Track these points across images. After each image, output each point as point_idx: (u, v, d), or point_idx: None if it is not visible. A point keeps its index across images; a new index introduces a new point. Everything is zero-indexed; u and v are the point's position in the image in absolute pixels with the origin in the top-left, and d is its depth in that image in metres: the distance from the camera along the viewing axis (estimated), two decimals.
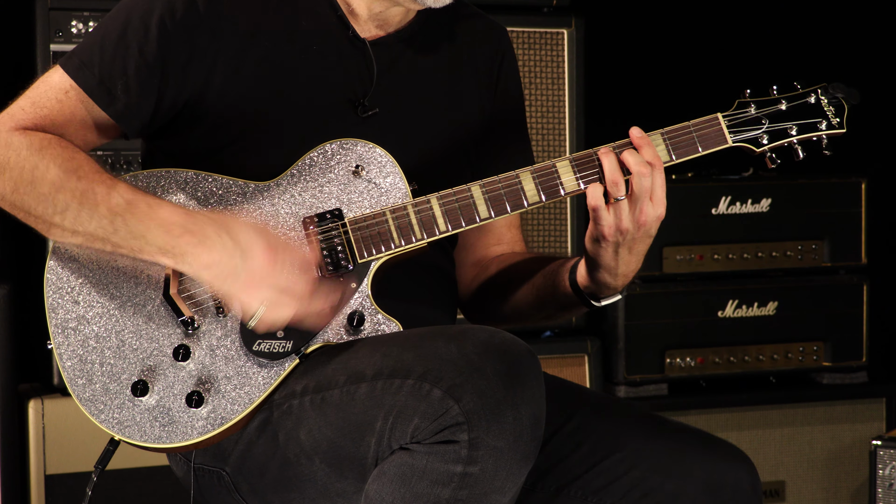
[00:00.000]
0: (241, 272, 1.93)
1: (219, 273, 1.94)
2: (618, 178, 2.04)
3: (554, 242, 3.54)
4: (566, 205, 3.54)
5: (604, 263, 2.10)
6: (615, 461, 2.08)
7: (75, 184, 1.97)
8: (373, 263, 2.05)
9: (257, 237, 1.95)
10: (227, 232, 1.94)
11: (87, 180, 1.98)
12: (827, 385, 3.84)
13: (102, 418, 2.00)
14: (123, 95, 2.06)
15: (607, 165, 2.04)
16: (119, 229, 1.96)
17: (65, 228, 1.99)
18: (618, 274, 2.12)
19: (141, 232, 1.96)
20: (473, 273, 2.33)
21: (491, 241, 2.33)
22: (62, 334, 2.02)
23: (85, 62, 2.06)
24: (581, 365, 3.62)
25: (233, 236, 1.94)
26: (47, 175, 1.98)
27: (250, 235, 1.94)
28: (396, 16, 2.19)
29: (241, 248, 1.93)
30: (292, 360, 2.02)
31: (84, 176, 1.98)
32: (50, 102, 2.06)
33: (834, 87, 2.15)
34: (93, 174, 1.99)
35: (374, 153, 2.08)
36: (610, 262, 2.09)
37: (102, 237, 1.97)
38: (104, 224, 1.96)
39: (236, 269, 1.93)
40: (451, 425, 1.82)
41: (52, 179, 1.98)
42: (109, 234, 1.97)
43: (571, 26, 3.58)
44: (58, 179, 1.98)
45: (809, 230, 3.83)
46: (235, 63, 2.09)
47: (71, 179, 1.98)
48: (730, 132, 2.12)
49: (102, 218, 1.96)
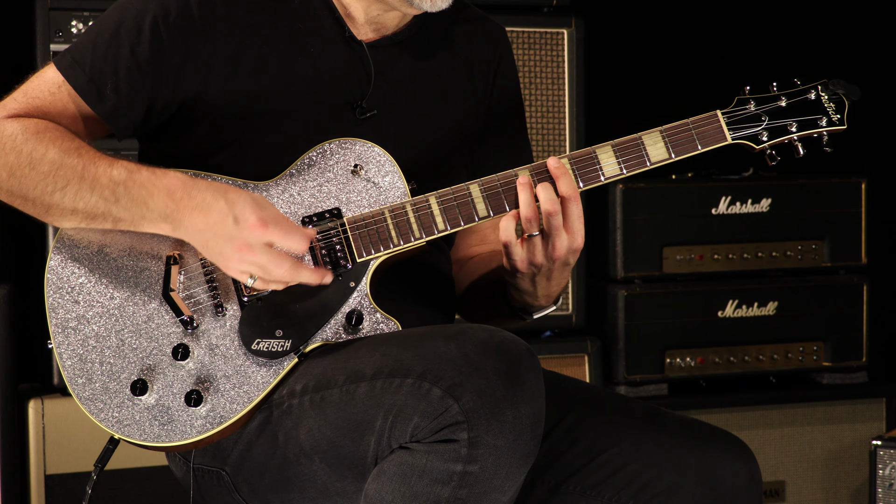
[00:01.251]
0: (234, 237, 1.94)
1: (212, 236, 1.95)
2: (531, 215, 2.03)
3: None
4: None
5: (522, 288, 2.12)
6: (613, 455, 2.08)
7: (76, 160, 1.98)
8: (371, 262, 2.05)
9: (252, 207, 1.95)
10: (224, 198, 1.95)
11: (87, 157, 1.99)
12: (827, 385, 3.84)
13: (102, 417, 2.00)
14: (113, 95, 2.06)
15: (522, 200, 2.03)
16: (121, 198, 1.97)
17: (63, 207, 1.99)
18: (538, 296, 2.13)
19: (143, 198, 1.97)
20: (457, 269, 2.33)
21: (474, 241, 2.33)
22: (62, 334, 2.02)
23: (77, 60, 2.07)
24: (581, 365, 3.62)
25: (229, 203, 1.95)
26: (46, 155, 1.99)
27: (245, 204, 1.95)
28: (393, 19, 2.19)
29: (234, 214, 1.94)
30: (291, 360, 2.02)
31: (84, 154, 1.99)
32: (42, 94, 2.07)
33: (834, 83, 2.14)
34: (92, 152, 2.00)
35: (373, 152, 2.08)
36: (528, 287, 2.11)
37: (103, 211, 1.98)
38: (106, 195, 1.97)
39: (229, 233, 1.94)
40: (450, 424, 1.82)
41: (52, 158, 1.99)
42: (111, 205, 1.97)
43: (571, 26, 3.58)
44: (58, 158, 1.99)
45: (809, 230, 3.83)
46: (232, 65, 2.09)
47: (71, 157, 1.99)
48: (729, 129, 2.11)
49: (104, 188, 1.97)
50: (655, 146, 2.09)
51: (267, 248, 1.95)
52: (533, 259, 2.05)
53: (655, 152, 2.09)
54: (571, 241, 2.05)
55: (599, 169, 2.09)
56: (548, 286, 2.11)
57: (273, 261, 1.95)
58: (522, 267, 2.06)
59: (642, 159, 2.09)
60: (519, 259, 2.05)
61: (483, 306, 2.27)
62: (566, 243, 2.04)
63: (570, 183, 2.04)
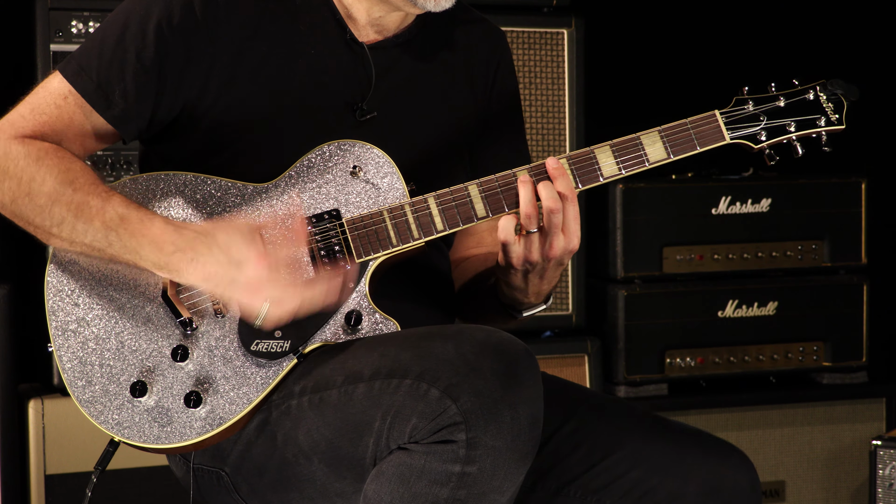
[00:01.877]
0: (239, 281, 1.94)
1: (217, 283, 1.96)
2: (531, 212, 2.03)
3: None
4: None
5: (514, 285, 2.12)
6: (614, 461, 2.08)
7: (71, 196, 1.98)
8: (371, 263, 2.05)
9: (247, 246, 1.95)
10: (217, 246, 1.95)
11: (82, 192, 1.99)
12: (827, 385, 3.84)
13: (102, 419, 2.00)
14: (121, 101, 2.06)
15: (523, 196, 2.04)
16: (113, 243, 1.98)
17: (63, 239, 2.00)
18: (529, 293, 2.14)
19: (134, 248, 1.97)
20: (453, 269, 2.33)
21: (471, 243, 2.33)
22: (62, 336, 2.03)
23: (83, 67, 2.07)
24: (581, 365, 3.62)
25: (224, 250, 1.95)
26: (43, 187, 1.99)
27: (240, 246, 1.95)
28: (395, 20, 2.19)
29: (233, 261, 1.95)
30: (290, 360, 2.02)
31: (79, 188, 1.99)
32: (49, 108, 2.06)
33: (833, 83, 2.14)
34: (88, 186, 2.00)
35: (372, 154, 2.08)
36: (520, 284, 2.11)
37: (99, 249, 1.99)
38: (99, 237, 1.98)
39: (233, 279, 1.94)
40: (448, 425, 1.82)
41: (49, 192, 1.99)
42: (105, 248, 1.98)
43: (571, 26, 3.58)
44: (54, 192, 1.99)
45: (809, 230, 3.83)
46: (233, 67, 2.09)
47: (66, 192, 1.99)
48: (728, 129, 2.11)
49: (97, 231, 1.98)
50: (654, 146, 2.09)
51: (273, 279, 1.95)
52: (529, 256, 2.05)
53: (654, 152, 2.09)
54: (567, 242, 2.05)
55: (598, 169, 2.09)
56: (539, 284, 2.11)
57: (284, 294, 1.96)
58: (518, 264, 2.06)
59: (641, 159, 2.09)
60: (515, 256, 2.05)
61: (476, 305, 2.28)
62: (562, 243, 2.05)
63: (567, 184, 2.04)
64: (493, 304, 2.21)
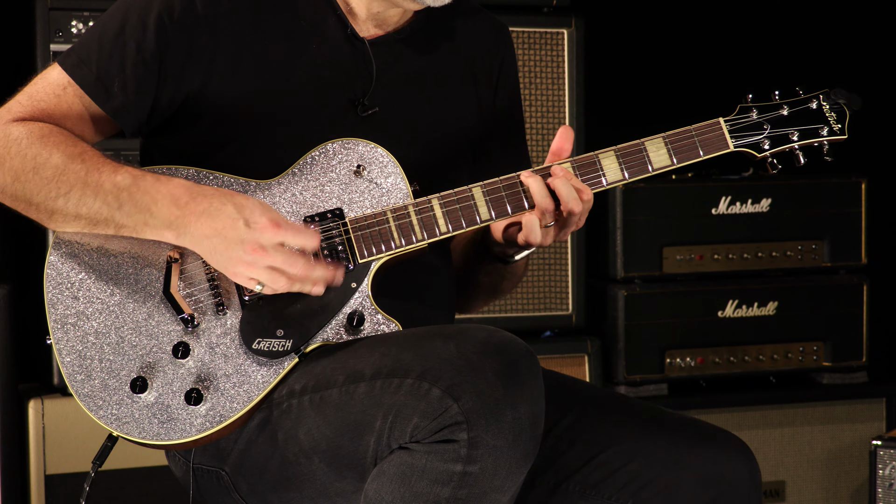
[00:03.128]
0: (247, 240, 1.93)
1: (221, 241, 1.94)
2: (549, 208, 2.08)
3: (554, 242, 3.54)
4: None
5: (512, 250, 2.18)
6: (612, 455, 2.08)
7: (79, 166, 1.98)
8: (373, 263, 2.05)
9: (262, 210, 1.95)
10: (232, 203, 1.95)
11: (91, 162, 1.99)
12: (827, 385, 3.84)
13: (101, 414, 2.00)
14: (121, 93, 2.06)
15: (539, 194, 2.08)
16: (124, 204, 1.97)
17: (67, 213, 1.99)
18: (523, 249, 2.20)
19: (147, 204, 1.96)
20: None
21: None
22: (61, 330, 2.02)
23: (83, 59, 2.06)
24: (581, 365, 3.62)
25: (238, 207, 1.95)
26: (50, 160, 1.99)
27: (254, 209, 1.95)
28: (395, 15, 2.19)
29: (244, 217, 1.94)
30: (291, 359, 2.02)
31: (88, 159, 1.99)
32: (48, 97, 2.06)
33: (836, 92, 2.15)
34: (96, 157, 2.00)
35: (376, 153, 2.08)
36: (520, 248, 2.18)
37: (106, 216, 1.98)
38: (109, 200, 1.97)
39: (241, 236, 1.93)
40: (450, 424, 1.82)
41: (56, 163, 1.98)
42: (114, 211, 1.97)
43: (571, 26, 3.58)
44: (61, 163, 1.98)
45: (809, 230, 3.83)
46: (233, 61, 2.09)
47: (75, 162, 1.98)
48: (732, 137, 2.12)
49: (108, 194, 1.97)
50: (658, 153, 2.10)
51: (280, 247, 1.95)
52: (544, 241, 2.09)
53: (658, 158, 2.10)
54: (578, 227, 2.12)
55: (602, 174, 2.10)
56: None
57: (288, 260, 1.95)
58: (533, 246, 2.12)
59: (644, 165, 2.10)
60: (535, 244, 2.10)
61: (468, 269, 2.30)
62: (573, 229, 2.11)
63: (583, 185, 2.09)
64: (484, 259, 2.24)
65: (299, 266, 1.96)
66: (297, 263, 1.95)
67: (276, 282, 1.96)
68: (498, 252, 2.19)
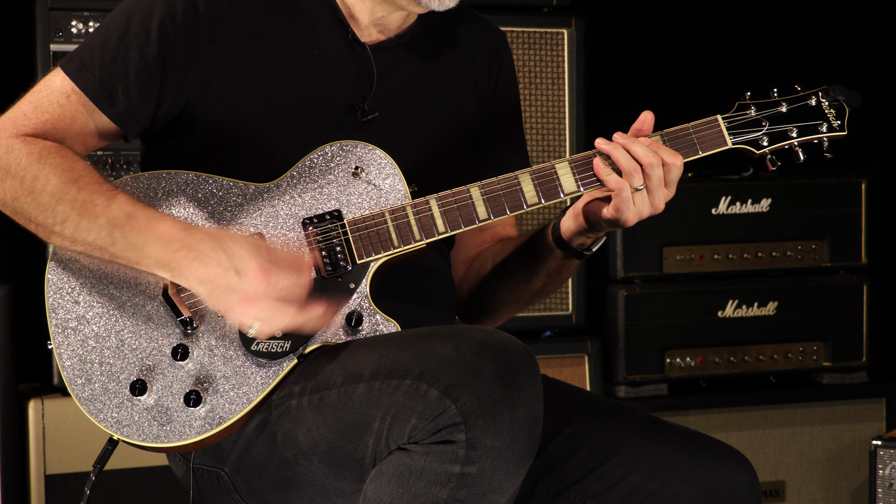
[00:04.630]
0: (236, 289, 1.94)
1: (214, 288, 1.94)
2: (633, 167, 2.05)
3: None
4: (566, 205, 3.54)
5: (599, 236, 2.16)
6: (613, 465, 2.08)
7: (75, 194, 1.98)
8: (371, 264, 2.05)
9: (251, 255, 1.94)
10: (222, 249, 1.94)
11: (86, 191, 1.98)
12: (827, 385, 3.84)
13: (101, 418, 2.00)
14: (124, 98, 2.06)
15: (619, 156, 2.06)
16: (117, 241, 1.97)
17: (64, 237, 1.99)
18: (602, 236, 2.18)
19: (139, 245, 1.96)
20: (465, 269, 2.33)
21: (485, 238, 2.33)
22: (62, 334, 2.02)
23: (86, 64, 2.06)
24: (581, 365, 3.62)
25: (228, 253, 1.94)
26: (47, 186, 1.99)
27: (245, 253, 1.94)
28: (397, 20, 2.19)
29: (234, 266, 1.94)
30: (290, 361, 2.02)
31: (84, 186, 1.99)
32: (51, 107, 2.06)
33: (835, 89, 2.15)
34: (92, 185, 1.99)
35: (374, 155, 2.08)
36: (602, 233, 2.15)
37: (101, 247, 1.98)
38: (103, 235, 1.97)
39: (231, 286, 1.93)
40: (448, 425, 1.82)
41: (52, 190, 1.98)
42: (108, 245, 1.98)
43: (571, 26, 3.58)
44: (57, 190, 1.98)
45: (809, 230, 3.83)
46: (235, 66, 2.09)
47: (70, 190, 1.98)
48: (729, 134, 2.12)
49: (101, 229, 1.97)
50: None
51: (269, 299, 1.94)
52: (642, 213, 2.08)
53: None
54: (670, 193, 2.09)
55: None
56: None
57: (276, 313, 1.94)
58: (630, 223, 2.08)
59: None
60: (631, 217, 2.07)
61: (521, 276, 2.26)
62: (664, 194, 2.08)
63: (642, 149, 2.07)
64: (551, 257, 2.21)
65: (287, 317, 1.95)
66: (285, 317, 1.95)
67: (269, 325, 1.96)
68: (578, 244, 2.18)
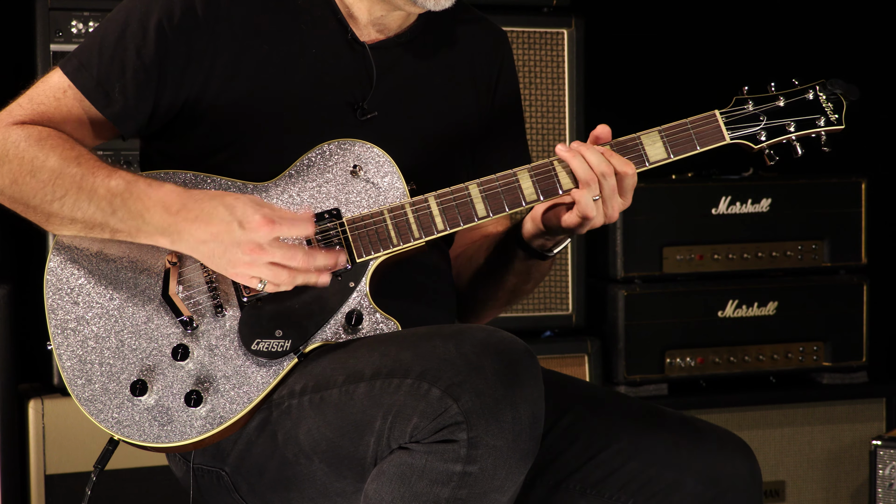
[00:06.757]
0: (242, 241, 1.93)
1: (217, 245, 1.94)
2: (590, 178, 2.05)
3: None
4: None
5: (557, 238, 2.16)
6: (612, 454, 2.09)
7: (75, 169, 1.99)
8: (371, 263, 2.05)
9: (254, 208, 1.95)
10: (223, 205, 1.95)
11: (86, 166, 1.99)
12: (827, 385, 3.84)
13: (101, 418, 2.00)
14: (120, 98, 2.06)
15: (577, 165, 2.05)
16: (118, 210, 1.97)
17: (63, 216, 1.99)
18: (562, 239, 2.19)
19: (140, 211, 1.96)
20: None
21: (474, 236, 2.33)
22: (62, 335, 2.02)
23: (83, 63, 2.07)
24: (581, 365, 3.62)
25: (229, 208, 1.94)
26: (47, 163, 1.99)
27: (246, 207, 1.95)
28: (396, 20, 2.19)
29: (237, 218, 1.94)
30: (291, 360, 2.02)
31: (84, 163, 2.00)
32: (48, 100, 2.07)
33: (832, 83, 2.14)
34: (92, 162, 2.00)
35: (372, 153, 2.08)
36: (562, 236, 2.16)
37: (101, 221, 1.98)
38: (103, 206, 1.97)
39: (236, 239, 1.93)
40: (449, 424, 1.82)
41: (52, 167, 1.99)
42: (108, 217, 1.98)
43: (571, 26, 3.58)
44: (58, 166, 1.99)
45: (809, 230, 3.83)
46: (233, 65, 2.09)
47: (71, 166, 1.99)
48: (727, 129, 2.12)
49: (101, 199, 1.97)
50: (654, 146, 2.09)
51: (277, 242, 1.95)
52: (595, 223, 2.07)
53: (654, 152, 2.10)
54: (625, 203, 2.08)
55: None
56: None
57: (287, 254, 1.95)
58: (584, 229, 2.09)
59: (641, 159, 2.09)
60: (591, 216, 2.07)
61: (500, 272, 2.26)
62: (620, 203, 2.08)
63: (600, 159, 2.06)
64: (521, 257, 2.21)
65: (299, 258, 1.96)
66: (296, 256, 1.95)
67: (278, 277, 1.96)
68: (538, 245, 2.18)
